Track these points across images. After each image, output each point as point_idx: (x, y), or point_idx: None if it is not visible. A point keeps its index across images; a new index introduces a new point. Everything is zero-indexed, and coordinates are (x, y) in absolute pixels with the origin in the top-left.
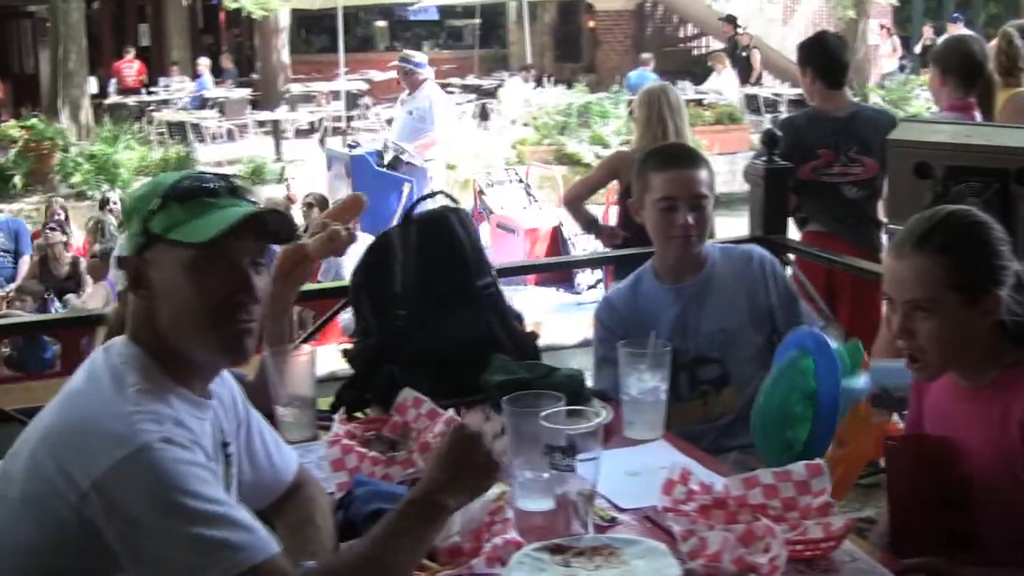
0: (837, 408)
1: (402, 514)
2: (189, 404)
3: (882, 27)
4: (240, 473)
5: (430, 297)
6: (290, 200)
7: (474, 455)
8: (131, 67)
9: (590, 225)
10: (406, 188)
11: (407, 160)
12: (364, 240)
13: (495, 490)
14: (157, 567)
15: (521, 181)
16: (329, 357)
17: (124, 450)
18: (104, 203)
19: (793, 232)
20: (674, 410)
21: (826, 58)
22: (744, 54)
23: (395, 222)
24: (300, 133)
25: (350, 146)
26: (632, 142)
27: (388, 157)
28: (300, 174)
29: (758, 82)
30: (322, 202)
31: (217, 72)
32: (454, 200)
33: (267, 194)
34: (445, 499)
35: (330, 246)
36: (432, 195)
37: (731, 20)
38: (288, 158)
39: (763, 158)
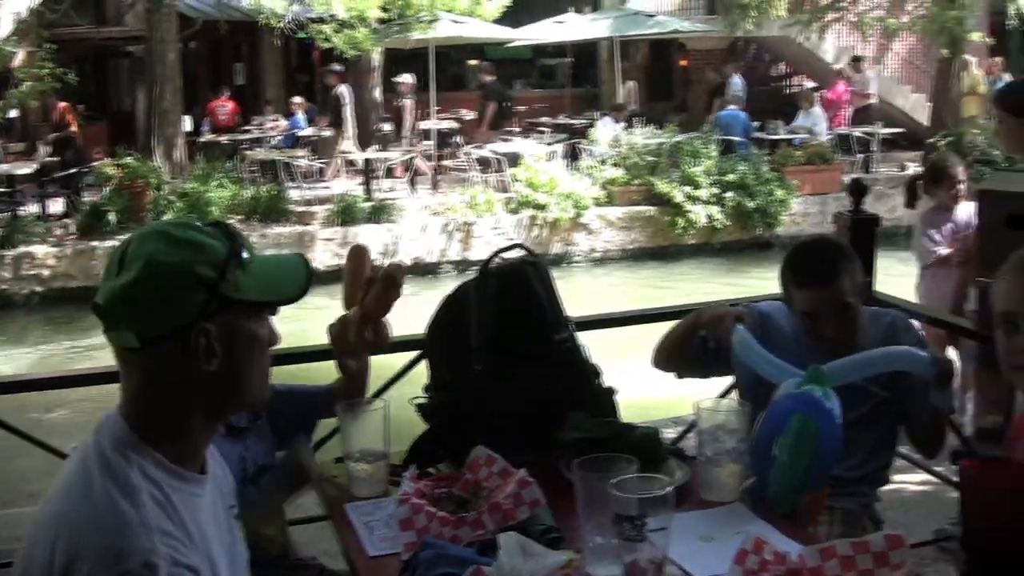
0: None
1: None
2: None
3: (986, 64)
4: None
5: (506, 352)
6: None
7: None
8: (225, 106)
9: None
10: None
11: None
12: None
13: (564, 556)
14: None
15: None
16: None
17: None
18: None
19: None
20: None
21: None
22: None
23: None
24: (390, 172)
25: None
26: None
27: None
28: None
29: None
30: None
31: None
32: (532, 253)
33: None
34: None
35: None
36: (511, 247)
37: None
38: (378, 197)
39: (849, 208)
